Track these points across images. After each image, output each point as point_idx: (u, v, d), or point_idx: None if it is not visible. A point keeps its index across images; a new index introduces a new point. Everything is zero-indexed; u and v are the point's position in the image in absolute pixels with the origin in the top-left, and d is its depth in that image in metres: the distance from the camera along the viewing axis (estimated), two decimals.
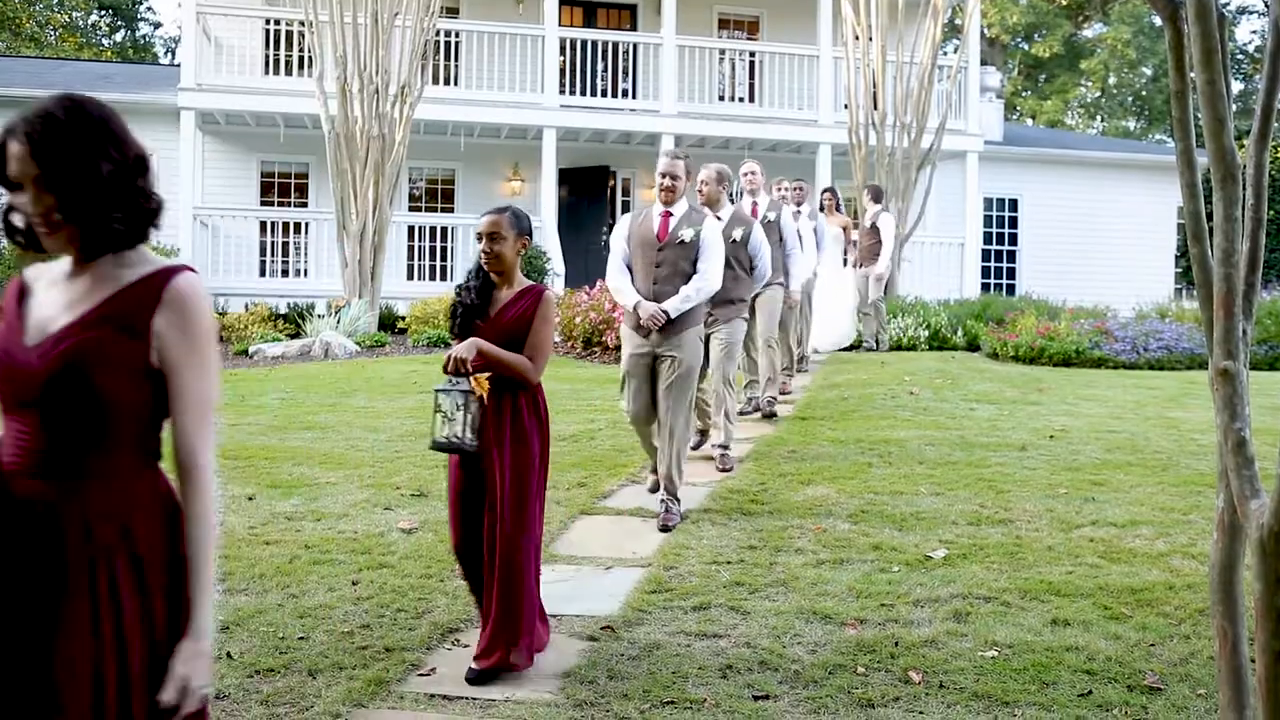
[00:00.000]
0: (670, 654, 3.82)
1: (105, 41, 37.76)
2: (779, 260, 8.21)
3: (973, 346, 14.17)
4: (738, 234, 6.86)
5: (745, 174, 8.66)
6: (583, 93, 17.13)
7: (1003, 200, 20.38)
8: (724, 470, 6.70)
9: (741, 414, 8.23)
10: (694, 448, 6.95)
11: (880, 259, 12.82)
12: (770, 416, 8.44)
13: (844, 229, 12.37)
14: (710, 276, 5.67)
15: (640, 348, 5.66)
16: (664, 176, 5.77)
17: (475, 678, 3.60)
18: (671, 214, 5.77)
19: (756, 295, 7.90)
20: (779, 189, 9.82)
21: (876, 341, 13.33)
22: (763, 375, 8.52)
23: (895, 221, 15.12)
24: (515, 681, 3.61)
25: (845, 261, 13.08)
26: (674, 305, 5.60)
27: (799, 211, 10.02)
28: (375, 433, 7.78)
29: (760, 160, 17.74)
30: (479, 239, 3.77)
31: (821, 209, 12.00)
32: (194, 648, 1.83)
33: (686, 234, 5.68)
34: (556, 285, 14.73)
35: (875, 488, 6.23)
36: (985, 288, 19.17)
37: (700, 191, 6.77)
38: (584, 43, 17.26)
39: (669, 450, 5.62)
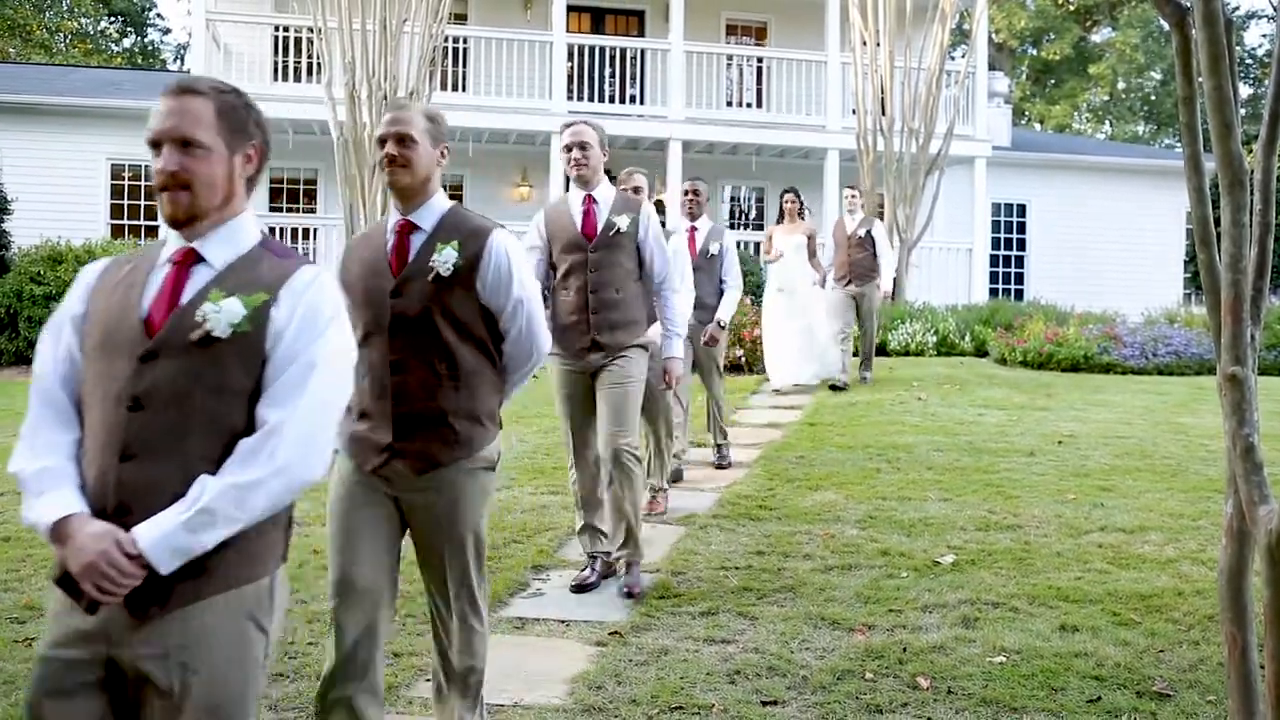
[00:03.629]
0: (678, 659, 3.82)
1: (114, 48, 37.93)
2: (645, 301, 4.76)
3: (981, 352, 14.15)
4: (444, 262, 2.87)
5: (568, 146, 4.55)
6: (590, 99, 17.15)
7: (1011, 205, 20.35)
8: None
9: (582, 587, 4.66)
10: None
11: (884, 276, 10.81)
12: (601, 579, 4.70)
13: (809, 238, 10.02)
14: (284, 458, 1.94)
15: (75, 647, 1.94)
16: (161, 174, 2.01)
17: None
18: (190, 269, 2.04)
19: (598, 371, 4.60)
20: (627, 183, 5.65)
21: (858, 369, 11.00)
22: (612, 523, 4.72)
23: (888, 232, 14.45)
24: (524, 686, 3.62)
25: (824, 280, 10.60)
26: (163, 541, 1.87)
27: (695, 229, 7.13)
28: None
29: (768, 166, 17.13)
30: None
31: (781, 215, 10.08)
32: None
33: (219, 321, 1.96)
34: None
35: (883, 493, 6.23)
36: (993, 293, 19.14)
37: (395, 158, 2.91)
38: (592, 49, 17.28)
39: None
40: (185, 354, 1.96)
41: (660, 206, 17.92)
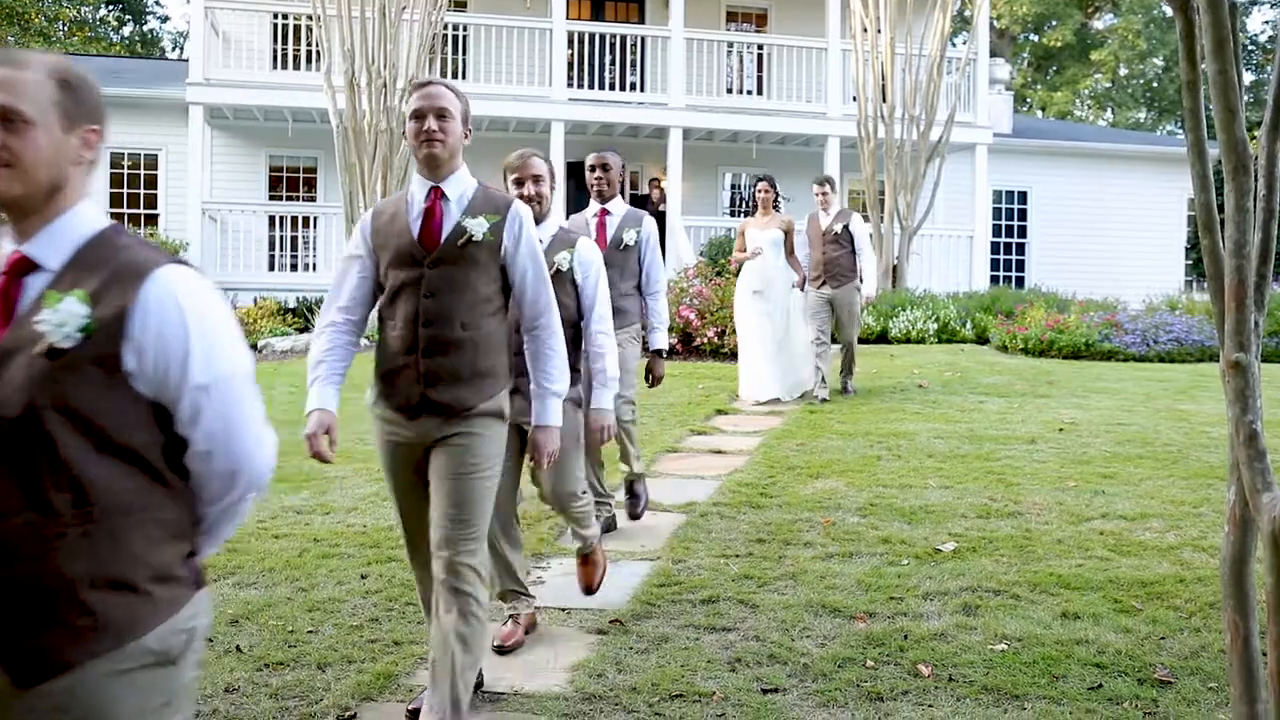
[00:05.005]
0: (679, 647, 3.82)
1: (113, 36, 37.84)
2: (507, 347, 3.30)
3: (982, 339, 14.15)
4: (61, 326, 1.60)
5: (420, 113, 3.07)
6: (590, 86, 17.11)
7: (1012, 192, 20.31)
8: None
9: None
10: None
11: (867, 279, 9.54)
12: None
13: (786, 232, 8.97)
14: None
15: None
16: None
17: None
18: None
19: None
20: (524, 172, 3.94)
21: (829, 381, 9.38)
22: (436, 669, 3.09)
23: (869, 229, 13.21)
24: (523, 675, 3.61)
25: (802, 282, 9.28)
26: None
27: (607, 213, 5.50)
28: None
29: (768, 153, 16.91)
30: None
31: (754, 207, 9.08)
32: None
33: None
34: None
35: (884, 481, 6.22)
36: (994, 280, 19.13)
37: None
38: (592, 36, 17.24)
39: None
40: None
41: (640, 200, 17.44)
